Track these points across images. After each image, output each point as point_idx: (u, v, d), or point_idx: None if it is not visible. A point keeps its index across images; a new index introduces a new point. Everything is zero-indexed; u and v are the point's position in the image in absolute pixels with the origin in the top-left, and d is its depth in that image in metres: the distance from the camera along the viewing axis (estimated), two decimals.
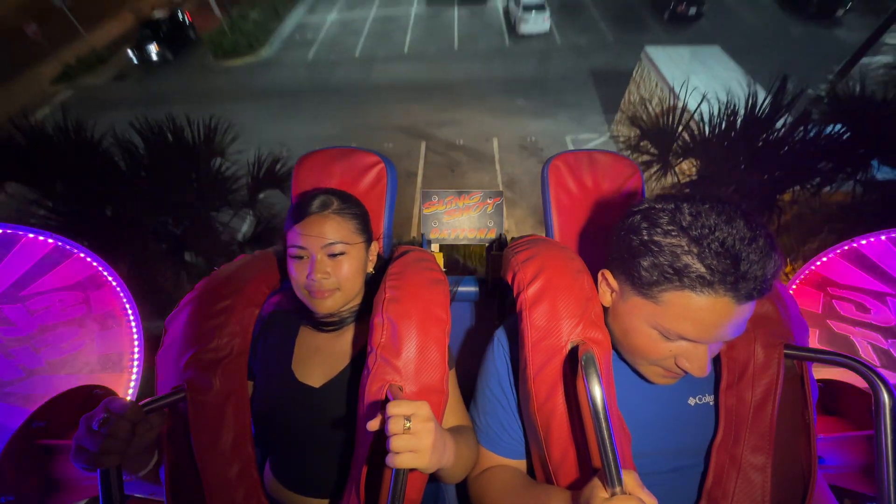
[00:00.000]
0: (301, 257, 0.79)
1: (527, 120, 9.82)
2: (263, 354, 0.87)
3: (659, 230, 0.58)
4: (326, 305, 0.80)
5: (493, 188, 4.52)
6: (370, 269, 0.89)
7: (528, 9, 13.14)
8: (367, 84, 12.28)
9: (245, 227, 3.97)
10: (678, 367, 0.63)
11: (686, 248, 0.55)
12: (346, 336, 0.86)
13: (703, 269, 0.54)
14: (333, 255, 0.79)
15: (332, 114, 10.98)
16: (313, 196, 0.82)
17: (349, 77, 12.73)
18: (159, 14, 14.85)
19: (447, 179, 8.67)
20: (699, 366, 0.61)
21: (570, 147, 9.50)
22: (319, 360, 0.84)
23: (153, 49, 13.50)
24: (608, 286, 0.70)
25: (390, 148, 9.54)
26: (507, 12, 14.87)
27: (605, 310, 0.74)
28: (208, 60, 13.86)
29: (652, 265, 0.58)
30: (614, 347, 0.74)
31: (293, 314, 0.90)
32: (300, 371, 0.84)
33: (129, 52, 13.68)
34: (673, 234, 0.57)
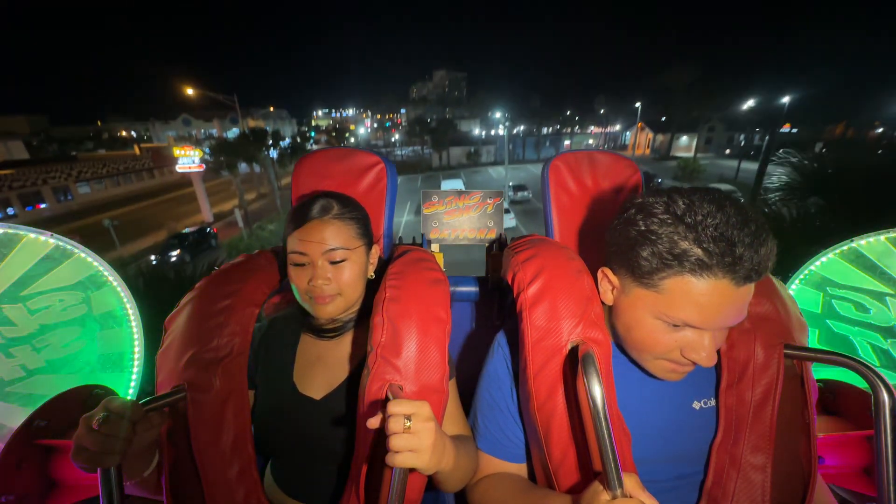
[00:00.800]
0: (302, 264, 0.78)
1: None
2: (265, 364, 0.86)
3: (655, 220, 0.60)
4: (328, 311, 0.79)
5: None
6: (371, 273, 0.88)
7: None
8: None
9: None
10: (685, 358, 0.63)
11: (683, 234, 0.57)
12: (346, 342, 0.86)
13: (700, 253, 0.56)
14: (335, 262, 0.79)
15: None
16: (313, 200, 0.81)
17: None
18: (189, 229, 16.51)
19: None
20: (706, 354, 0.61)
21: None
22: (320, 371, 0.84)
23: (174, 254, 14.75)
24: (609, 283, 0.70)
25: None
26: None
27: (608, 309, 0.74)
28: (221, 260, 14.80)
29: (651, 253, 0.59)
30: (618, 346, 0.74)
31: (293, 322, 0.90)
32: (301, 382, 0.83)
33: (152, 257, 14.86)
34: (669, 222, 0.58)
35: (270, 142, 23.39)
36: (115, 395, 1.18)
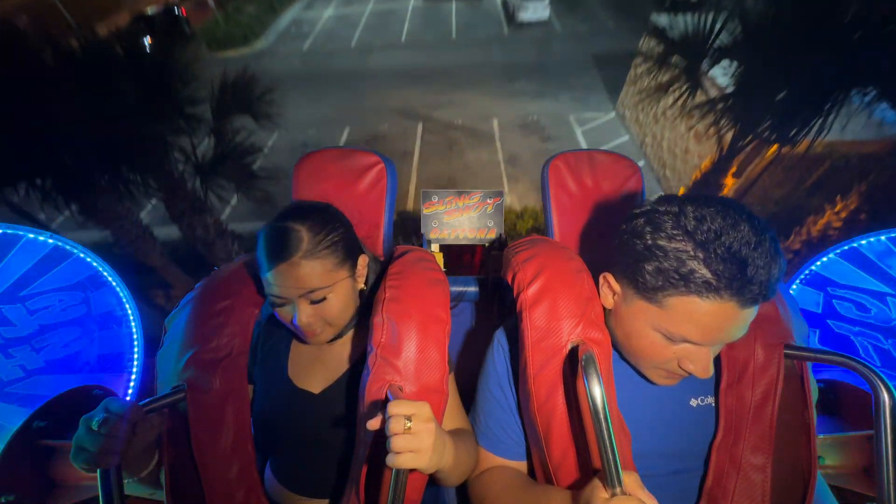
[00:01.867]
0: (281, 304, 0.74)
1: (527, 101, 9.76)
2: (262, 360, 0.86)
3: (663, 234, 0.57)
4: (319, 340, 0.78)
5: (494, 165, 4.53)
6: (361, 284, 0.83)
7: None
8: (363, 71, 12.14)
9: (203, 146, 4.08)
10: (681, 368, 0.63)
11: (692, 253, 0.54)
12: (346, 342, 0.86)
13: (709, 275, 0.53)
14: (316, 301, 0.73)
15: (326, 98, 10.94)
16: (279, 235, 0.71)
17: (345, 65, 12.61)
18: (154, 9, 14.64)
19: (445, 158, 8.61)
20: (702, 367, 0.61)
21: (574, 126, 9.49)
22: (318, 367, 0.84)
23: (146, 42, 13.40)
24: (610, 289, 0.70)
25: (385, 129, 9.54)
26: (504, 4, 14.86)
27: (607, 311, 0.74)
28: (202, 52, 13.66)
29: (657, 270, 0.57)
30: (616, 348, 0.74)
31: None
32: (298, 377, 0.83)
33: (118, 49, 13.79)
34: (678, 238, 0.56)
35: None
36: (115, 396, 1.19)
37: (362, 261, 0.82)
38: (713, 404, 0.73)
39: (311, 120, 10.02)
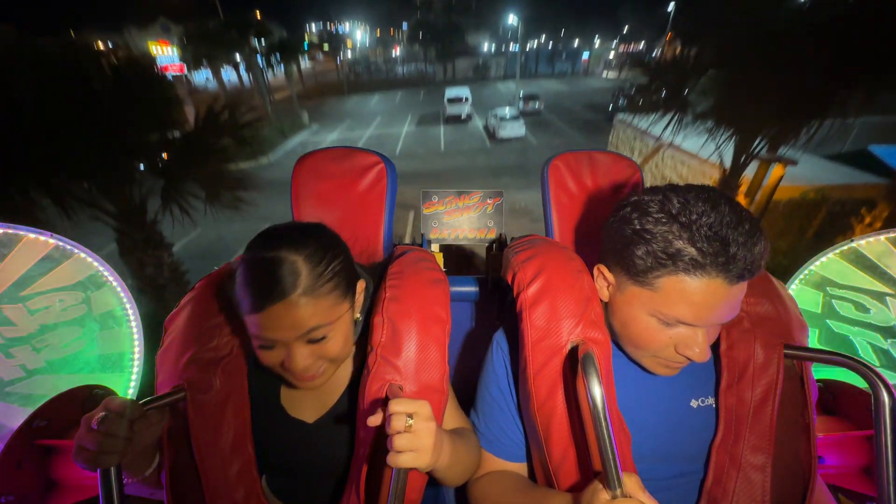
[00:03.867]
0: (270, 347, 0.63)
1: (514, 193, 10.54)
2: (256, 379, 0.80)
3: (650, 219, 0.60)
4: (318, 384, 0.70)
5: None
6: (357, 314, 0.75)
7: (504, 119, 15.68)
8: None
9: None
10: (679, 354, 0.64)
11: (677, 233, 0.57)
12: (340, 372, 0.80)
13: (695, 253, 0.56)
14: (315, 341, 0.64)
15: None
16: (271, 268, 0.59)
17: None
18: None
19: None
20: (699, 351, 0.62)
21: None
22: (311, 395, 0.79)
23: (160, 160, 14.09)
24: (605, 280, 0.71)
25: None
26: (486, 128, 17.56)
27: (604, 306, 0.74)
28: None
29: (646, 252, 0.60)
30: (615, 342, 0.74)
31: None
32: (290, 405, 0.79)
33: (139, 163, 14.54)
34: (663, 221, 0.59)
35: (256, 39, 19.88)
36: (115, 395, 1.18)
37: (360, 287, 0.73)
38: (714, 405, 0.73)
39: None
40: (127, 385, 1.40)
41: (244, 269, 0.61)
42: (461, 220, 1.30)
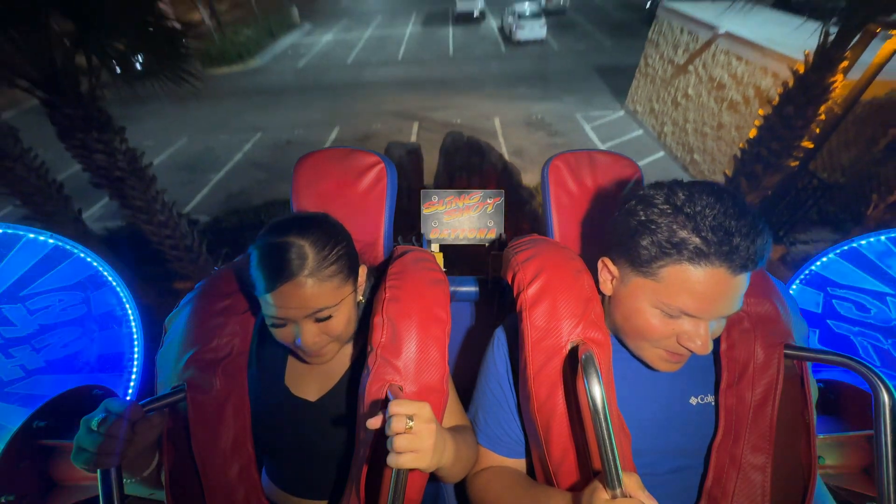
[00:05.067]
0: (281, 325, 0.70)
1: (530, 103, 9.72)
2: (258, 362, 0.85)
3: (655, 210, 0.61)
4: (323, 360, 0.76)
5: (497, 158, 4.56)
6: (360, 296, 0.80)
7: (524, 17, 13.63)
8: (358, 83, 12.12)
9: None
10: (681, 346, 0.64)
11: (682, 223, 0.59)
12: (345, 353, 0.84)
13: (699, 242, 0.57)
14: (322, 319, 0.70)
15: (316, 105, 10.89)
16: (280, 251, 0.65)
17: (339, 79, 12.59)
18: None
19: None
20: (701, 343, 0.62)
21: (582, 123, 9.41)
22: (315, 374, 0.83)
23: (139, 58, 13.05)
24: (608, 273, 0.71)
25: (378, 128, 9.41)
26: (501, 29, 15.41)
27: (606, 300, 0.74)
28: (195, 70, 13.65)
29: (650, 242, 0.61)
30: (616, 336, 0.74)
31: None
32: (294, 385, 0.82)
33: (114, 61, 13.37)
34: (668, 212, 0.60)
35: None
36: (115, 396, 1.19)
37: (362, 272, 0.79)
38: (713, 403, 0.73)
39: (297, 122, 9.99)
40: (127, 385, 1.40)
41: (257, 254, 0.67)
42: (461, 220, 1.30)
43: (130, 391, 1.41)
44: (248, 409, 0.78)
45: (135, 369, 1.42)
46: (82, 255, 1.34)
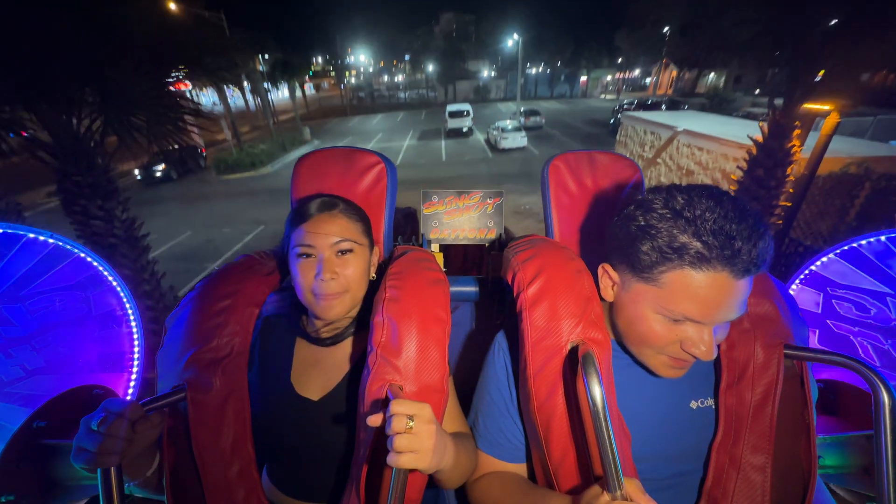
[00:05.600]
0: (308, 255, 0.78)
1: (517, 196, 10.42)
2: (261, 362, 0.86)
3: (655, 215, 0.61)
4: (334, 311, 0.79)
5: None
6: (373, 273, 0.88)
7: (506, 129, 15.86)
8: None
9: None
10: (685, 352, 0.63)
11: (682, 228, 0.58)
12: (344, 347, 0.85)
13: (700, 246, 0.56)
14: (342, 253, 0.79)
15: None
16: (317, 197, 0.83)
17: None
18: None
19: None
20: (705, 349, 0.61)
21: None
22: (318, 373, 0.83)
23: (159, 167, 13.92)
24: (609, 279, 0.70)
25: None
26: (487, 140, 17.72)
27: (607, 306, 0.74)
28: (210, 176, 14.87)
29: (651, 248, 0.60)
30: (619, 342, 0.74)
31: (289, 323, 0.89)
32: (299, 384, 0.83)
33: (136, 170, 14.00)
34: (668, 217, 0.60)
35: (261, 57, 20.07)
36: (115, 396, 1.18)
37: (376, 251, 0.89)
38: (713, 406, 0.73)
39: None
40: (127, 385, 1.40)
41: (299, 202, 0.84)
42: (461, 220, 1.30)
43: (130, 391, 1.41)
44: (249, 409, 0.78)
45: (135, 369, 1.42)
46: (82, 255, 1.34)
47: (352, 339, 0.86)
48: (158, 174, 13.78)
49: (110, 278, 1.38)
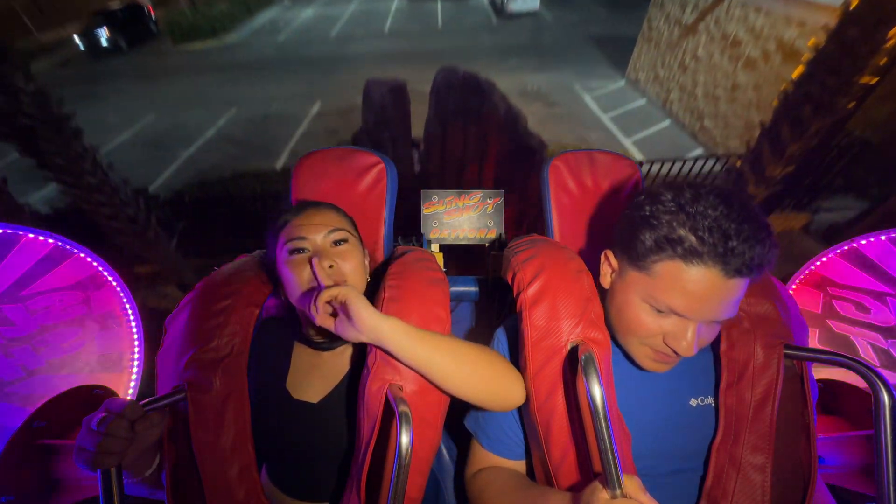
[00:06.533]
0: (300, 250, 0.75)
1: (525, 74, 9.18)
2: (258, 365, 0.84)
3: (660, 206, 0.62)
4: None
5: (500, 99, 3.88)
6: (368, 276, 0.85)
7: None
8: (342, 57, 11.46)
9: None
10: (667, 345, 0.64)
11: (682, 221, 0.59)
12: (345, 350, 0.84)
13: (694, 241, 0.58)
14: (337, 243, 0.78)
15: (298, 79, 10.30)
16: (310, 201, 0.83)
17: (322, 52, 11.86)
18: (116, 5, 13.10)
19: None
20: (686, 345, 0.62)
21: (581, 93, 8.86)
22: (317, 376, 0.83)
23: (103, 34, 11.84)
24: (609, 266, 0.72)
25: (360, 101, 9.14)
26: (492, 2, 14.75)
27: (603, 293, 0.75)
28: (166, 46, 12.82)
29: (649, 237, 0.62)
30: (610, 331, 0.74)
31: (287, 326, 0.88)
32: (296, 388, 0.82)
33: (76, 37, 12.00)
34: (672, 210, 0.61)
35: None
36: (115, 396, 1.18)
37: (366, 253, 0.87)
38: (713, 405, 0.73)
39: (276, 96, 9.40)
40: (127, 385, 1.40)
41: (285, 207, 0.84)
42: (461, 220, 1.30)
43: (130, 391, 1.41)
44: (249, 410, 0.78)
45: (135, 369, 1.42)
46: (82, 255, 1.34)
47: (351, 345, 0.85)
48: (104, 42, 11.87)
49: (110, 278, 1.38)
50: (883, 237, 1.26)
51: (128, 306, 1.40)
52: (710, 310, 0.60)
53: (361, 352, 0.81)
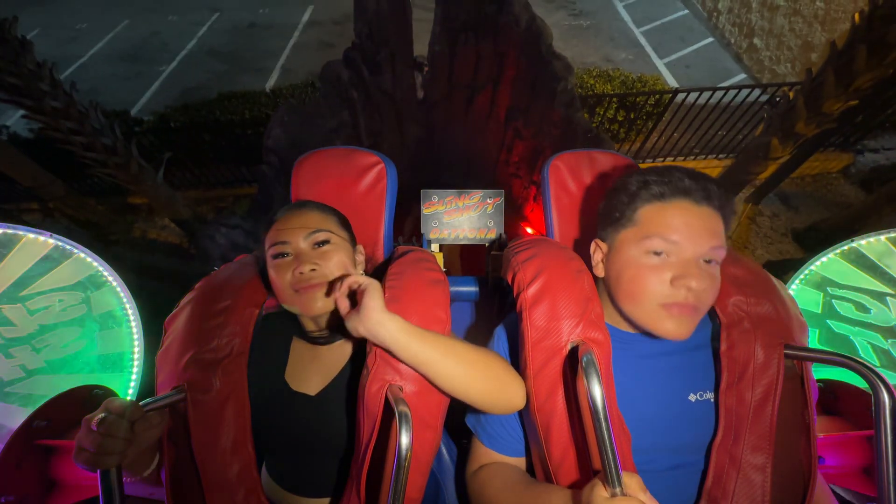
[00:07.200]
0: (284, 254, 0.76)
1: None
2: (258, 361, 0.85)
3: (632, 176, 0.73)
4: (317, 305, 0.75)
5: (522, 8, 3.14)
6: (360, 271, 0.85)
7: None
8: None
9: None
10: (678, 287, 0.65)
11: (647, 178, 0.70)
12: (342, 343, 0.84)
13: (656, 184, 0.69)
14: (318, 245, 0.78)
15: None
16: (295, 203, 0.84)
17: None
18: None
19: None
20: (696, 283, 0.64)
21: (612, 0, 7.74)
22: (316, 368, 0.83)
23: None
24: (600, 252, 0.76)
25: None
26: None
27: (602, 288, 0.76)
28: None
29: (624, 195, 0.72)
30: (615, 306, 0.74)
31: (287, 321, 0.88)
32: (295, 381, 0.82)
33: None
34: (638, 174, 0.72)
35: None
36: (115, 396, 1.19)
37: (360, 249, 0.88)
38: (712, 400, 0.73)
39: (264, 1, 8.32)
40: (127, 385, 1.40)
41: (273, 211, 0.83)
42: (461, 220, 1.30)
43: (130, 391, 1.41)
44: (248, 410, 0.78)
45: (135, 369, 1.42)
46: (82, 255, 1.34)
47: (350, 339, 0.85)
48: None
49: (110, 278, 1.38)
50: (883, 237, 1.26)
51: (128, 306, 1.40)
52: (697, 236, 0.65)
53: (360, 346, 0.82)
